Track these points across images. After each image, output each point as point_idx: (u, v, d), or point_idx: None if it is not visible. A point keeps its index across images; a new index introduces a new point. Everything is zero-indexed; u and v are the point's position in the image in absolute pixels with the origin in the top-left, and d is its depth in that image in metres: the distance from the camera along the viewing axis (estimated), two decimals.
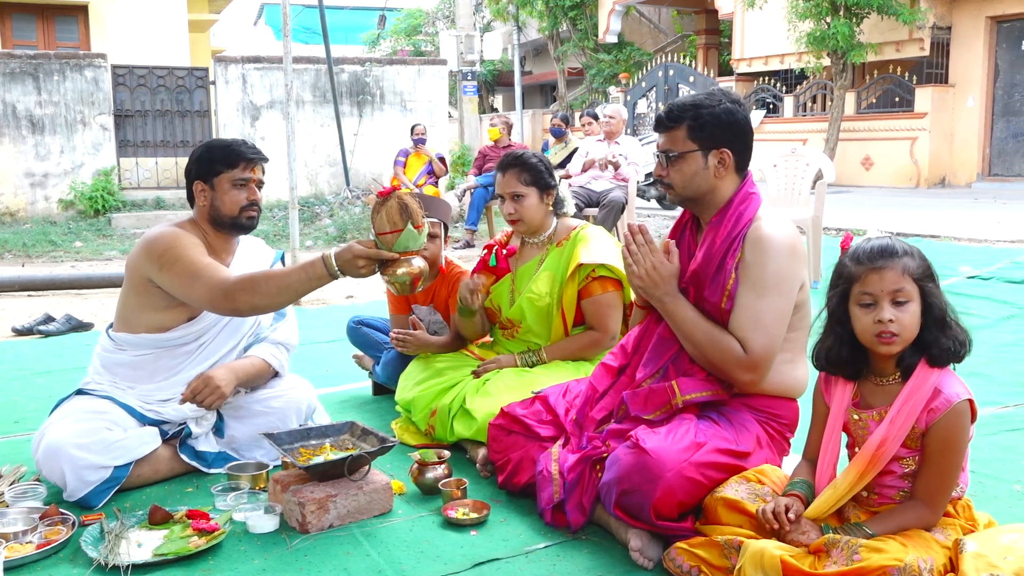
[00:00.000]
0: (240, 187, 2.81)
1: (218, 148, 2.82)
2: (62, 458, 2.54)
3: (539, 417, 2.63)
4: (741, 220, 2.35)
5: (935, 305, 1.95)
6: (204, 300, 2.64)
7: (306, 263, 2.53)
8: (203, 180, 2.82)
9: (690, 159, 2.37)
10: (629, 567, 2.17)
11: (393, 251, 2.48)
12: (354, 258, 2.47)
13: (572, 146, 9.23)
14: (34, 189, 11.04)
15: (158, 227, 2.83)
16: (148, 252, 2.72)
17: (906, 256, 1.94)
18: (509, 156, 3.16)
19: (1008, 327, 4.79)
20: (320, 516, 2.40)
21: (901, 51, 15.09)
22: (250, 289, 2.56)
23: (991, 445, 3.00)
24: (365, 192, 12.10)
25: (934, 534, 1.94)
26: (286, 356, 3.07)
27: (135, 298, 2.81)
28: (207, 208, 2.83)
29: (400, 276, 2.48)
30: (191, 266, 2.65)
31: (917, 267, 1.95)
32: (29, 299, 6.52)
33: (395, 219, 2.47)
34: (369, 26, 27.78)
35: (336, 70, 12.19)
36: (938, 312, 1.96)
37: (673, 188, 2.42)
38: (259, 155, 2.87)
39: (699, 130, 2.35)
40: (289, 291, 2.56)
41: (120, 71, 11.42)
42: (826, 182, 6.23)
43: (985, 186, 14.22)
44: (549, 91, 28.99)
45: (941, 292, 1.99)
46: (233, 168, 2.80)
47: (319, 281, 2.53)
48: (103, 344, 2.91)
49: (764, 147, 17.80)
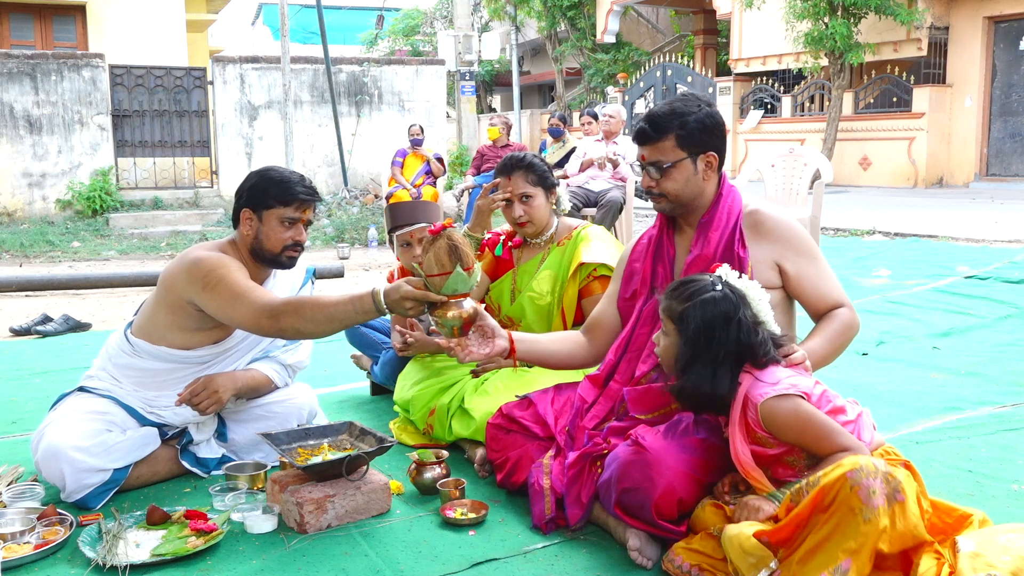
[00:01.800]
0: (288, 226, 2.74)
1: (274, 182, 2.72)
2: (62, 460, 2.53)
3: (536, 419, 2.63)
4: (733, 212, 2.42)
5: (694, 340, 2.07)
6: (248, 320, 2.55)
7: (355, 296, 2.43)
8: (252, 209, 2.74)
9: (681, 167, 2.39)
10: (627, 567, 2.17)
11: (441, 293, 2.32)
12: (402, 299, 2.34)
13: (570, 146, 9.24)
14: (32, 189, 11.03)
15: (200, 248, 2.76)
16: (191, 273, 2.64)
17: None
18: (511, 159, 3.14)
19: (1005, 327, 4.80)
20: (318, 516, 2.40)
21: (899, 51, 15.10)
22: (296, 313, 2.47)
23: (989, 445, 3.00)
24: (363, 192, 12.10)
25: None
26: (292, 376, 3.08)
27: (167, 316, 2.75)
28: (250, 238, 2.75)
29: (449, 320, 2.33)
30: (235, 287, 2.57)
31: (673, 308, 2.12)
32: (27, 299, 6.51)
33: (444, 261, 2.31)
34: (367, 26, 27.76)
35: (334, 70, 12.18)
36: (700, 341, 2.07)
37: (666, 197, 2.44)
38: (314, 196, 2.78)
39: (687, 138, 2.38)
40: (334, 321, 2.46)
41: (118, 71, 11.41)
42: (824, 182, 6.25)
43: (982, 186, 14.24)
44: (547, 91, 29.00)
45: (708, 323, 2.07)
46: (286, 206, 2.72)
47: (365, 315, 2.43)
48: (119, 345, 2.86)
49: (762, 147, 17.81)
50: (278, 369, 2.99)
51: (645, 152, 2.44)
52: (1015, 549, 1.83)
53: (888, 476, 1.79)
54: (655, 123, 2.39)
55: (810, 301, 2.43)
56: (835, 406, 2.10)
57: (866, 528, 1.76)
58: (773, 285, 2.38)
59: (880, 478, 1.78)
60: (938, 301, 5.56)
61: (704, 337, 2.06)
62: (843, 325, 2.39)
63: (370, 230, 10.12)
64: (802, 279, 2.40)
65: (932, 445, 3.02)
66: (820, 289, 2.41)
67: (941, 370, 3.99)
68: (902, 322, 5.02)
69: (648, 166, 2.43)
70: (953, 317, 5.09)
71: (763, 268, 2.38)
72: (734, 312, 2.06)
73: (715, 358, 2.05)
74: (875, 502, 1.76)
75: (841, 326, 2.38)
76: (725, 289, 2.10)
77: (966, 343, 4.49)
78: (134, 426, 2.75)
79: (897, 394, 3.62)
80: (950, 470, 2.78)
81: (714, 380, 2.05)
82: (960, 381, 3.80)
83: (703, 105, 2.41)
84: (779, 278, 2.40)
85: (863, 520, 1.76)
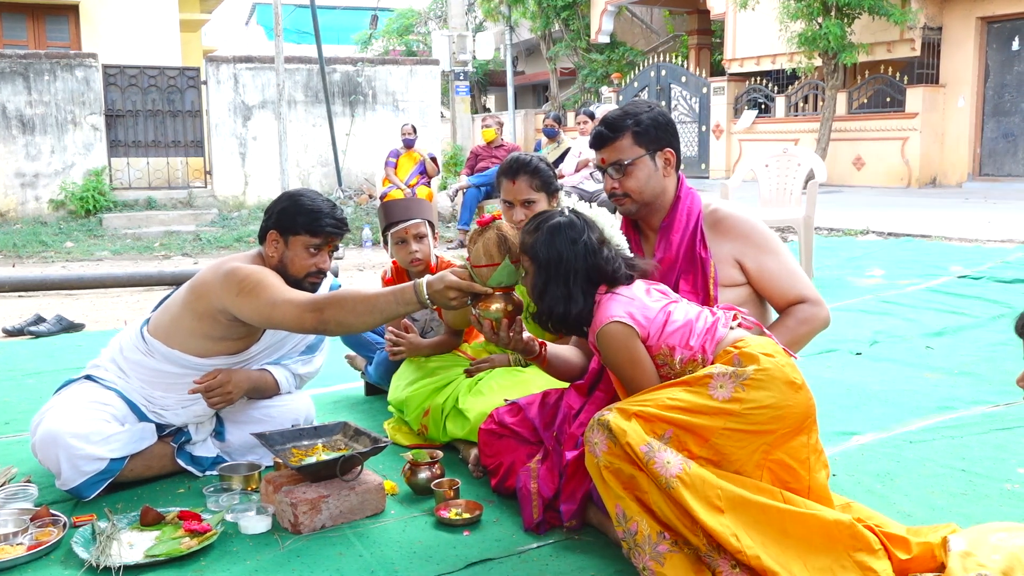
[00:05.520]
0: (313, 253, 2.74)
1: (304, 210, 2.71)
2: (59, 445, 2.54)
3: (525, 425, 2.64)
4: (692, 213, 2.45)
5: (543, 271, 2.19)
6: (290, 317, 2.52)
7: (396, 288, 2.42)
8: (280, 232, 2.73)
9: (641, 164, 2.43)
10: (622, 567, 2.17)
11: (487, 285, 2.30)
12: (446, 288, 2.31)
13: (564, 146, 9.25)
14: (24, 189, 10.99)
15: (233, 259, 2.75)
16: (227, 280, 2.62)
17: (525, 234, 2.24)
18: (517, 161, 3.07)
19: (998, 326, 4.81)
20: (312, 517, 2.40)
21: (892, 51, 15.14)
22: (339, 306, 2.46)
23: (982, 444, 3.01)
24: (357, 192, 12.08)
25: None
26: (299, 386, 3.09)
27: (193, 322, 2.74)
28: (275, 260, 2.74)
29: (493, 312, 2.30)
30: (273, 289, 2.57)
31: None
32: (20, 300, 6.49)
33: (492, 252, 2.28)
34: (361, 26, 27.73)
35: (328, 70, 12.17)
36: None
37: (630, 197, 2.46)
38: (342, 230, 2.78)
39: (643, 135, 2.42)
40: (376, 313, 2.44)
41: (111, 71, 11.37)
42: (818, 182, 6.25)
43: (976, 186, 14.27)
44: (541, 91, 29.00)
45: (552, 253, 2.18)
46: (313, 236, 2.72)
47: (407, 307, 2.41)
48: (133, 340, 2.85)
49: (756, 147, 17.81)
50: (288, 376, 3.00)
51: (604, 155, 2.47)
52: (1006, 548, 1.84)
53: (606, 425, 1.97)
54: (610, 124, 2.45)
55: (772, 297, 2.46)
56: (679, 325, 2.12)
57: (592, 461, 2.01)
58: (736, 282, 2.43)
59: (598, 431, 1.99)
60: (931, 301, 5.58)
61: (553, 260, 2.16)
62: (797, 321, 2.41)
63: (364, 230, 10.10)
64: (763, 275, 2.43)
65: (925, 444, 3.03)
66: (782, 285, 2.44)
67: (934, 369, 4.00)
68: (895, 322, 5.03)
69: (609, 168, 2.46)
70: (946, 317, 5.11)
71: (725, 266, 2.42)
72: (579, 234, 2.17)
73: (565, 279, 2.16)
74: (598, 451, 1.99)
75: (795, 322, 2.41)
76: (571, 215, 2.21)
77: (959, 343, 4.50)
78: (133, 421, 2.76)
79: (891, 393, 3.63)
80: (943, 469, 2.79)
81: (568, 301, 2.16)
82: (953, 380, 3.81)
83: (654, 106, 2.50)
84: (742, 275, 2.45)
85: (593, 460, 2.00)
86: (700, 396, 1.98)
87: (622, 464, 1.95)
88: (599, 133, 2.47)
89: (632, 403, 2.02)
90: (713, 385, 1.99)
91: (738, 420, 1.96)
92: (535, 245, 2.19)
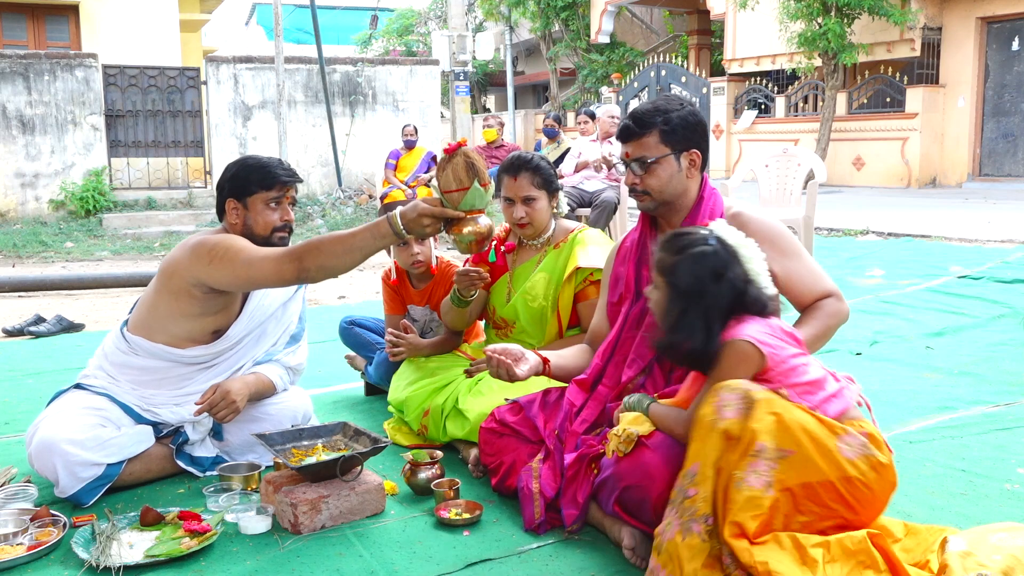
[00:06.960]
0: (274, 208, 2.77)
1: (254, 168, 2.76)
2: (55, 453, 2.53)
3: (526, 424, 2.64)
4: (714, 215, 2.44)
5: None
6: (269, 271, 2.53)
7: (371, 224, 2.45)
8: (236, 198, 2.77)
9: (665, 163, 2.42)
10: (622, 567, 2.17)
11: (459, 209, 2.39)
12: (419, 216, 2.37)
13: (564, 146, 9.25)
14: (24, 189, 10.99)
15: (200, 233, 2.78)
16: (196, 251, 2.66)
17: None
18: (519, 159, 3.08)
19: (998, 327, 4.81)
20: (312, 517, 2.40)
21: (892, 52, 15.14)
22: (317, 251, 2.47)
23: (982, 444, 3.01)
24: (357, 192, 12.08)
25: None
26: (293, 380, 3.09)
27: (169, 304, 2.75)
28: (239, 226, 2.77)
29: (466, 235, 2.41)
30: (246, 250, 2.59)
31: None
32: (19, 300, 6.49)
33: (461, 176, 2.38)
34: (361, 26, 27.74)
35: (328, 70, 12.17)
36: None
37: (650, 194, 2.45)
38: (294, 178, 2.82)
39: (671, 134, 2.41)
40: (355, 251, 2.45)
41: (111, 71, 11.37)
42: (817, 182, 6.25)
43: (975, 186, 14.28)
44: (541, 91, 29.01)
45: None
46: (268, 190, 2.75)
47: (383, 240, 2.44)
48: (115, 343, 2.86)
49: (756, 147, 17.80)
50: (282, 373, 3.00)
51: (629, 149, 2.45)
52: (1006, 548, 1.83)
53: (747, 394, 1.89)
54: (639, 119, 2.42)
55: (799, 296, 2.45)
56: (809, 379, 2.01)
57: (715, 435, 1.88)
58: None
59: (738, 394, 1.89)
60: (931, 301, 5.58)
61: (694, 292, 2.01)
62: (827, 315, 2.41)
63: None
64: (791, 278, 2.42)
65: (925, 444, 3.03)
66: (808, 284, 2.43)
67: (934, 370, 4.00)
68: (895, 322, 5.03)
69: (632, 163, 2.44)
70: (946, 317, 5.11)
71: None
72: (724, 268, 2.02)
73: (705, 313, 2.00)
74: (726, 413, 1.88)
75: (826, 315, 2.41)
76: (717, 244, 2.05)
77: (959, 343, 4.50)
78: (129, 424, 2.75)
79: (891, 394, 3.63)
80: (943, 469, 2.79)
81: (706, 335, 2.00)
82: (953, 381, 3.81)
83: (686, 104, 2.46)
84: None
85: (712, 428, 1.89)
86: (828, 439, 1.90)
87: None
88: (626, 127, 2.45)
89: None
90: (844, 438, 1.92)
91: (844, 484, 1.90)
92: (675, 269, 2.05)
